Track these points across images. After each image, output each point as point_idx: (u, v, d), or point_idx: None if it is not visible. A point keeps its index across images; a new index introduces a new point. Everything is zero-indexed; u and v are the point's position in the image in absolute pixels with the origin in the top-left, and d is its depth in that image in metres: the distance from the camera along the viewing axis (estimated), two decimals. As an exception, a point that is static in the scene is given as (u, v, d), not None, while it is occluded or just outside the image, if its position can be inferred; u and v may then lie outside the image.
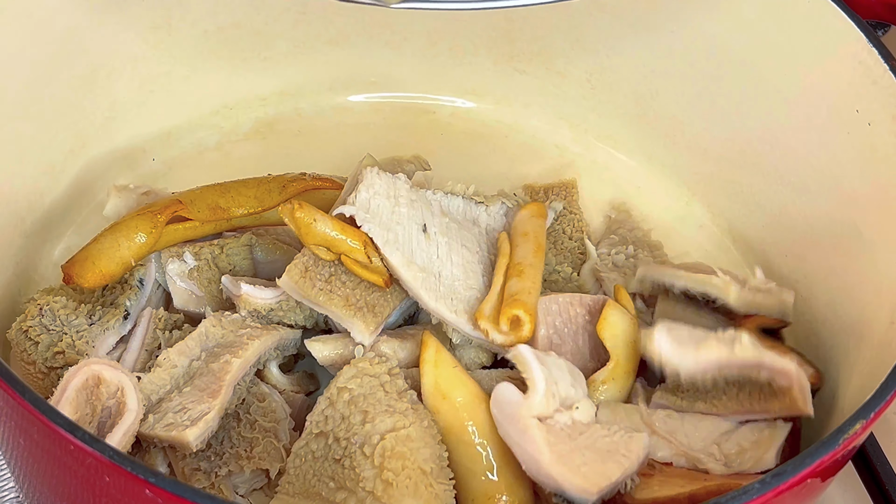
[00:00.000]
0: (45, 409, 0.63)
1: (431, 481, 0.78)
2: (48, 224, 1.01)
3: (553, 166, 1.16)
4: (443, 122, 1.20)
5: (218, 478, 0.82)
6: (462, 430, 0.82)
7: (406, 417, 0.80)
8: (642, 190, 1.14)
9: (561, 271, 0.99)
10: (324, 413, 0.82)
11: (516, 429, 0.78)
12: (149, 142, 1.11)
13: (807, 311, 0.97)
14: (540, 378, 0.79)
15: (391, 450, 0.78)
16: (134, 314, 0.90)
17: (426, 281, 0.88)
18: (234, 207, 0.95)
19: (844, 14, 0.90)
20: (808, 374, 0.84)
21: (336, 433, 0.81)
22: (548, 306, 0.89)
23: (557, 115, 1.19)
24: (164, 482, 0.60)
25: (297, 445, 0.82)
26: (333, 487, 0.79)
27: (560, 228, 1.06)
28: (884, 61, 0.87)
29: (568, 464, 0.76)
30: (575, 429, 0.79)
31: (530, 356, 0.80)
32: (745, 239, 1.09)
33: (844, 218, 0.93)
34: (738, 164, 1.07)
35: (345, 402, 0.82)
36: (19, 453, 0.74)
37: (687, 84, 1.08)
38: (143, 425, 0.79)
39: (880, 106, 0.88)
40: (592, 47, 1.12)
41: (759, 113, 1.02)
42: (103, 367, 0.79)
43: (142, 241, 0.90)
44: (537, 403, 0.78)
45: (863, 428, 0.68)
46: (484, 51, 1.17)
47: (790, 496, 0.65)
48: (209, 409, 0.80)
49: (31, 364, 0.87)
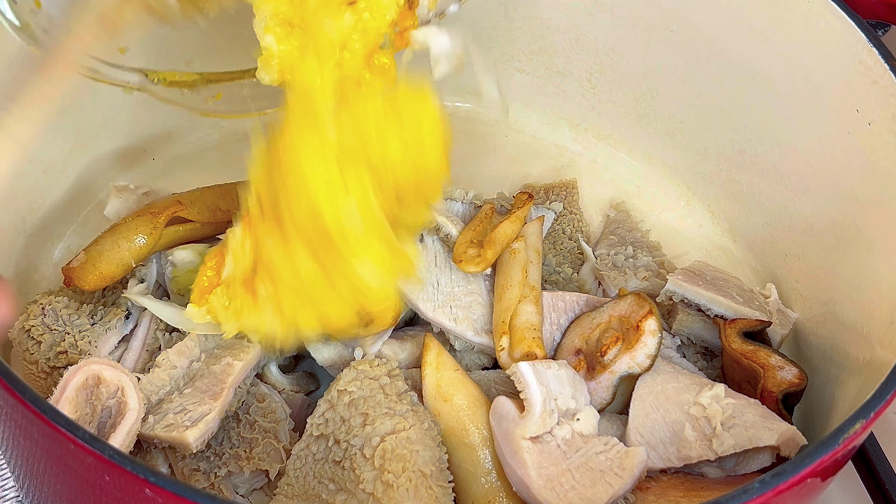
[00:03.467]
0: (45, 409, 0.63)
1: (431, 483, 0.78)
2: (48, 224, 1.01)
3: (553, 166, 1.16)
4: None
5: (217, 478, 0.82)
6: (463, 432, 0.82)
7: (406, 420, 0.81)
8: (642, 190, 1.15)
9: (561, 272, 0.99)
10: (324, 416, 0.82)
11: (509, 448, 0.79)
12: (149, 142, 1.11)
13: (807, 311, 0.97)
14: (537, 400, 0.79)
15: (391, 452, 0.78)
16: (135, 314, 0.90)
17: (424, 292, 0.88)
18: (234, 209, 0.95)
19: (844, 14, 0.90)
20: (793, 373, 0.85)
21: (336, 435, 0.81)
22: (553, 303, 0.90)
23: (557, 115, 1.19)
24: (164, 482, 0.60)
25: (297, 448, 0.82)
26: (333, 489, 0.79)
27: (560, 229, 1.06)
28: (884, 61, 0.87)
29: (556, 490, 0.76)
30: (572, 445, 0.79)
31: (530, 376, 0.80)
32: (745, 239, 1.09)
33: (844, 218, 0.93)
34: (738, 164, 1.07)
35: (345, 404, 0.82)
36: (19, 453, 0.74)
37: (687, 84, 1.08)
38: (143, 426, 0.79)
39: (880, 106, 0.88)
40: (592, 47, 1.12)
41: (759, 113, 1.02)
42: (103, 366, 0.79)
43: (142, 244, 0.90)
44: (532, 424, 0.78)
45: (863, 428, 0.67)
46: (484, 51, 1.17)
47: (790, 496, 0.65)
48: (210, 411, 0.80)
49: (34, 364, 0.87)
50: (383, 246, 0.77)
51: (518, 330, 0.85)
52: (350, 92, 0.77)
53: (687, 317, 0.94)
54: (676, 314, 0.94)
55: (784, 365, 0.86)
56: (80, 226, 1.04)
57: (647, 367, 0.84)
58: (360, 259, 0.76)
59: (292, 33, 0.76)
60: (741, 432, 0.80)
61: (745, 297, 0.93)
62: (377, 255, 0.76)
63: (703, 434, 0.81)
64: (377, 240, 0.76)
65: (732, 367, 0.89)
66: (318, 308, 0.78)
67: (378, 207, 0.77)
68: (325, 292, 0.77)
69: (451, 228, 0.92)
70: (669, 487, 0.79)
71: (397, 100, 0.78)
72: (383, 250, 0.77)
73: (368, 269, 0.76)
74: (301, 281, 0.77)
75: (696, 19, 1.03)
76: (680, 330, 0.94)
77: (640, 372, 0.84)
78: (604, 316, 0.88)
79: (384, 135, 0.77)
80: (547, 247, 1.03)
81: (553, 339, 0.89)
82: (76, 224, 1.04)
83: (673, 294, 0.93)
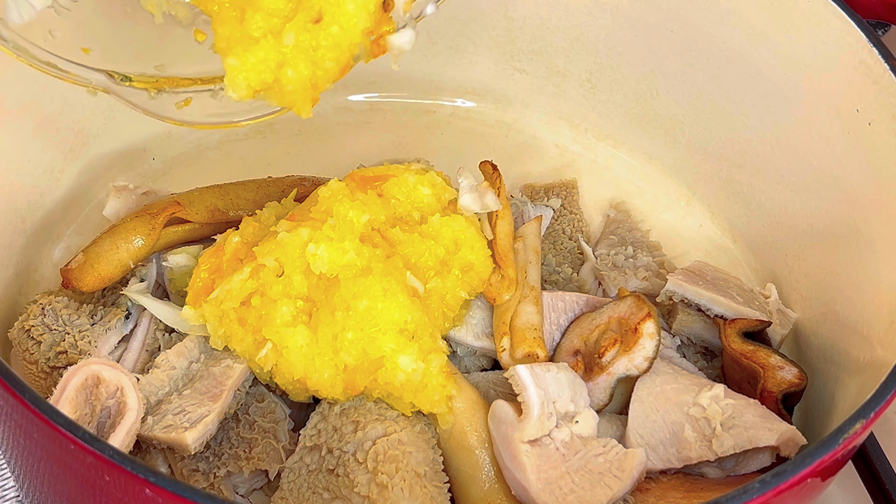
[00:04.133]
0: (45, 409, 0.63)
1: (426, 483, 0.78)
2: (48, 224, 1.01)
3: (553, 166, 1.16)
4: (443, 122, 1.20)
5: (217, 478, 0.82)
6: (462, 435, 0.82)
7: (397, 423, 0.81)
8: (642, 189, 1.14)
9: (561, 272, 0.99)
10: (316, 427, 0.83)
11: (508, 452, 0.79)
12: (149, 142, 1.11)
13: (807, 311, 0.97)
14: (535, 403, 0.79)
15: (384, 453, 0.78)
16: (135, 314, 0.90)
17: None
18: (232, 210, 0.95)
19: (845, 14, 0.90)
20: (793, 373, 0.85)
21: (329, 444, 0.81)
22: (553, 303, 0.90)
23: (557, 115, 1.19)
24: (164, 481, 0.60)
25: (290, 461, 0.82)
26: (328, 498, 0.79)
27: (560, 228, 1.06)
28: (884, 61, 0.87)
29: (555, 493, 0.76)
30: (571, 447, 0.79)
31: (528, 379, 0.80)
32: (745, 239, 1.09)
33: (844, 218, 0.93)
34: (738, 163, 1.07)
35: (336, 414, 0.82)
36: (19, 453, 0.74)
37: (687, 84, 1.08)
38: (142, 427, 0.79)
39: (880, 106, 0.88)
40: (592, 47, 1.12)
41: (759, 113, 1.02)
42: (102, 366, 0.79)
43: (140, 245, 0.90)
44: (530, 427, 0.78)
45: (863, 428, 0.67)
46: (484, 51, 1.17)
47: (790, 496, 0.65)
48: (209, 413, 0.80)
49: (34, 364, 0.87)
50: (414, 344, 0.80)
51: (519, 330, 0.85)
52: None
53: (687, 317, 0.94)
54: (676, 314, 0.94)
55: (784, 365, 0.86)
56: (80, 226, 1.04)
57: (644, 369, 0.83)
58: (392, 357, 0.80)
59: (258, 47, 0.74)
60: (741, 433, 0.80)
61: (745, 297, 0.93)
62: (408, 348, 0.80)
63: (703, 435, 0.81)
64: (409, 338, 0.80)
65: (732, 367, 0.89)
66: (309, 372, 0.81)
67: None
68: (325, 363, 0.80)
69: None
70: (669, 489, 0.79)
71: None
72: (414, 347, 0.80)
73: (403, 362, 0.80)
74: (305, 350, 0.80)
75: (696, 19, 1.03)
76: (680, 330, 0.95)
77: (637, 374, 0.84)
78: (603, 317, 0.88)
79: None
80: (547, 247, 1.03)
81: (553, 339, 0.89)
82: (76, 224, 1.04)
83: (673, 294, 0.93)
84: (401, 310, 0.80)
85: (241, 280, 0.82)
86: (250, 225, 0.89)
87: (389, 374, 0.79)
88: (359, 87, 1.20)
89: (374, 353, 0.79)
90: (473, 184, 0.93)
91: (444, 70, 1.19)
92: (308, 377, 0.80)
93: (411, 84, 1.20)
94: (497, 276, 0.88)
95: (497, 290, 0.88)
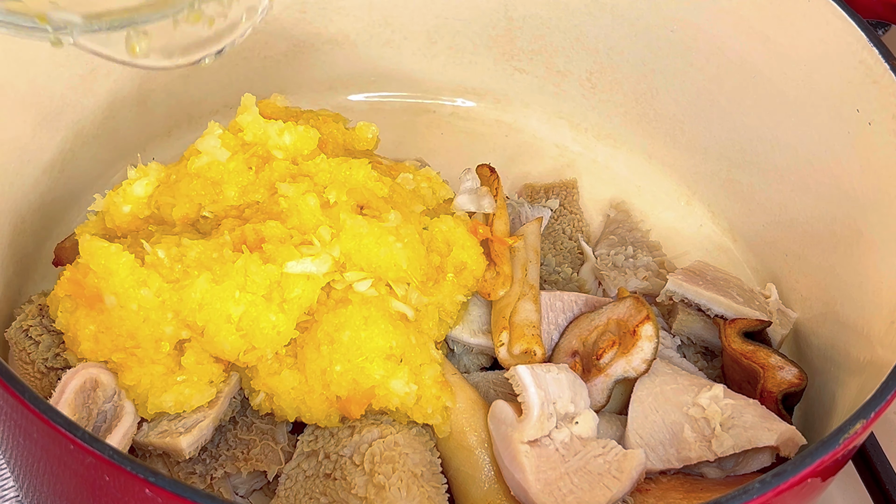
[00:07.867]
0: (44, 409, 0.63)
1: (423, 483, 0.78)
2: (48, 224, 1.01)
3: (553, 166, 1.16)
4: (443, 122, 1.20)
5: (214, 480, 0.82)
6: (461, 435, 0.82)
7: (393, 426, 0.81)
8: (642, 189, 1.14)
9: (561, 272, 0.99)
10: (313, 433, 0.83)
11: (507, 453, 0.79)
12: (149, 142, 1.11)
13: (807, 311, 0.97)
14: (535, 403, 0.79)
15: (380, 455, 0.78)
16: (134, 314, 0.90)
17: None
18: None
19: (845, 14, 0.90)
20: (793, 373, 0.85)
21: (326, 449, 0.81)
22: (551, 303, 0.90)
23: (557, 115, 1.19)
24: (164, 482, 0.60)
25: (287, 468, 0.82)
26: (326, 503, 0.79)
27: (560, 228, 1.06)
28: (884, 61, 0.87)
29: (554, 493, 0.76)
30: (570, 448, 0.79)
31: (528, 379, 0.80)
32: (745, 239, 1.09)
33: (844, 218, 0.93)
34: (738, 163, 1.07)
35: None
36: (19, 453, 0.74)
37: (687, 84, 1.08)
38: (137, 433, 0.80)
39: (880, 106, 0.88)
40: (592, 47, 1.12)
41: (759, 113, 1.02)
42: (101, 370, 0.79)
43: None
44: (530, 428, 0.78)
45: (863, 428, 0.67)
46: (484, 50, 1.17)
47: (790, 496, 0.65)
48: (204, 418, 0.80)
49: (30, 364, 0.87)
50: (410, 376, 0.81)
51: (518, 327, 0.85)
52: None
53: (687, 317, 0.94)
54: (676, 314, 0.94)
55: (784, 365, 0.86)
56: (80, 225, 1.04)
57: (643, 371, 0.83)
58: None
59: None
60: (740, 433, 0.80)
61: (746, 297, 0.93)
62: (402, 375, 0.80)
63: (703, 435, 0.81)
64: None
65: (732, 367, 0.89)
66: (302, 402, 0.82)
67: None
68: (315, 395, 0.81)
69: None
70: (669, 489, 0.79)
71: None
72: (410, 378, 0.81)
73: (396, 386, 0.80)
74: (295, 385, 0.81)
75: (696, 19, 1.03)
76: (680, 330, 0.94)
77: (636, 376, 0.84)
78: (601, 318, 0.88)
79: None
80: (547, 247, 1.03)
81: (551, 339, 0.89)
82: (76, 224, 1.04)
83: (673, 294, 0.93)
84: (384, 336, 0.80)
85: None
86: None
87: (384, 400, 0.80)
88: (359, 86, 1.20)
89: (364, 383, 0.79)
90: (475, 187, 0.93)
91: (444, 70, 1.19)
92: (302, 415, 0.81)
93: (411, 84, 1.20)
94: (492, 273, 0.88)
95: (492, 286, 0.88)
